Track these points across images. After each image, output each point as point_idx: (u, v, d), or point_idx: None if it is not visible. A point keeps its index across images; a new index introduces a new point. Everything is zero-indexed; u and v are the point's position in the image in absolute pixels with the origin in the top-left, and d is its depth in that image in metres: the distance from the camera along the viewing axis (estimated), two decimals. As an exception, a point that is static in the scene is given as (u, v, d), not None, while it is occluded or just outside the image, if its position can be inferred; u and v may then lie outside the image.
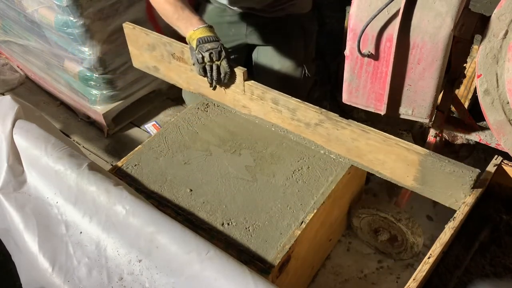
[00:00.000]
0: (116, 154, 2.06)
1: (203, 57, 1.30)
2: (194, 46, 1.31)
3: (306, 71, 1.74)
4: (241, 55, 1.81)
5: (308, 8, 1.71)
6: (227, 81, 1.35)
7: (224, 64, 1.31)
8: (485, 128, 1.39)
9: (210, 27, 1.35)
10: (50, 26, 1.83)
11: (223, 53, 1.30)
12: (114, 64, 1.93)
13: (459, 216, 1.22)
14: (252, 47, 1.78)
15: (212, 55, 1.29)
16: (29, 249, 1.10)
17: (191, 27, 1.33)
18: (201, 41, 1.29)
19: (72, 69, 1.99)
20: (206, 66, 1.32)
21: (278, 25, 1.68)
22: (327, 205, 1.25)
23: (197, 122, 1.46)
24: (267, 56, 1.73)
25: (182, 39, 1.40)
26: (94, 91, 2.02)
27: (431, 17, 1.01)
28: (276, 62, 1.71)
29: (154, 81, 2.18)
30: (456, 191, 1.19)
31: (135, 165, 1.33)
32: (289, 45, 1.69)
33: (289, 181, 1.26)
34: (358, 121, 2.07)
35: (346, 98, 1.25)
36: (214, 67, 1.32)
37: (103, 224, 1.06)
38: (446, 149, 1.83)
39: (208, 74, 1.33)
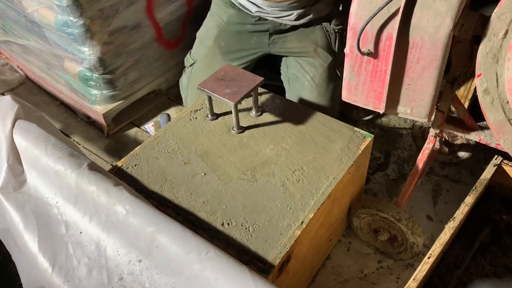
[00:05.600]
0: (116, 154, 2.06)
1: None
2: None
3: (338, 72, 1.73)
4: (258, 65, 1.80)
5: (327, 10, 1.68)
6: None
7: None
8: (485, 128, 1.39)
9: None
10: (50, 26, 1.83)
11: None
12: (114, 64, 1.93)
13: (459, 216, 1.22)
14: (272, 57, 1.75)
15: None
16: (29, 249, 1.10)
17: None
18: None
19: (72, 69, 1.99)
20: None
21: (301, 32, 1.66)
22: (327, 205, 1.25)
23: (198, 121, 1.46)
24: (296, 66, 1.71)
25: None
26: (94, 91, 2.02)
27: (431, 17, 1.01)
28: (308, 70, 1.69)
29: (154, 81, 2.18)
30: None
31: (135, 165, 1.33)
32: (316, 51, 1.67)
33: (289, 181, 1.26)
34: (357, 121, 2.07)
35: (345, 96, 1.25)
36: None
37: (103, 224, 1.06)
38: (446, 149, 1.83)
39: None
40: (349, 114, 2.06)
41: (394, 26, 1.04)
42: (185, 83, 1.91)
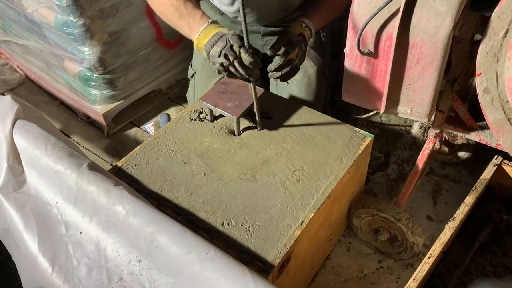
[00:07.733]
0: (116, 154, 2.06)
1: (222, 64, 1.21)
2: (206, 56, 1.25)
3: (326, 73, 1.73)
4: None
5: None
6: (255, 65, 1.23)
7: (244, 56, 1.20)
8: (485, 128, 1.39)
9: (213, 22, 1.28)
10: (50, 26, 1.83)
11: (236, 45, 1.19)
12: (114, 64, 1.93)
13: (459, 216, 1.22)
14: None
15: (227, 56, 1.20)
16: (29, 249, 1.10)
17: (195, 32, 1.27)
18: (209, 47, 1.22)
19: (72, 69, 1.99)
20: (230, 69, 1.23)
21: None
22: (327, 205, 1.25)
23: (198, 122, 1.46)
24: None
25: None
26: (94, 91, 2.02)
27: (431, 17, 1.01)
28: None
29: (154, 81, 2.18)
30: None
31: (135, 165, 1.33)
32: (308, 53, 1.66)
33: (289, 181, 1.26)
34: (357, 120, 2.07)
35: (345, 96, 1.25)
36: (237, 65, 1.22)
37: (103, 224, 1.06)
38: (446, 149, 1.83)
39: (238, 74, 1.25)
40: (349, 111, 2.06)
41: (394, 26, 1.04)
42: (191, 95, 1.91)
